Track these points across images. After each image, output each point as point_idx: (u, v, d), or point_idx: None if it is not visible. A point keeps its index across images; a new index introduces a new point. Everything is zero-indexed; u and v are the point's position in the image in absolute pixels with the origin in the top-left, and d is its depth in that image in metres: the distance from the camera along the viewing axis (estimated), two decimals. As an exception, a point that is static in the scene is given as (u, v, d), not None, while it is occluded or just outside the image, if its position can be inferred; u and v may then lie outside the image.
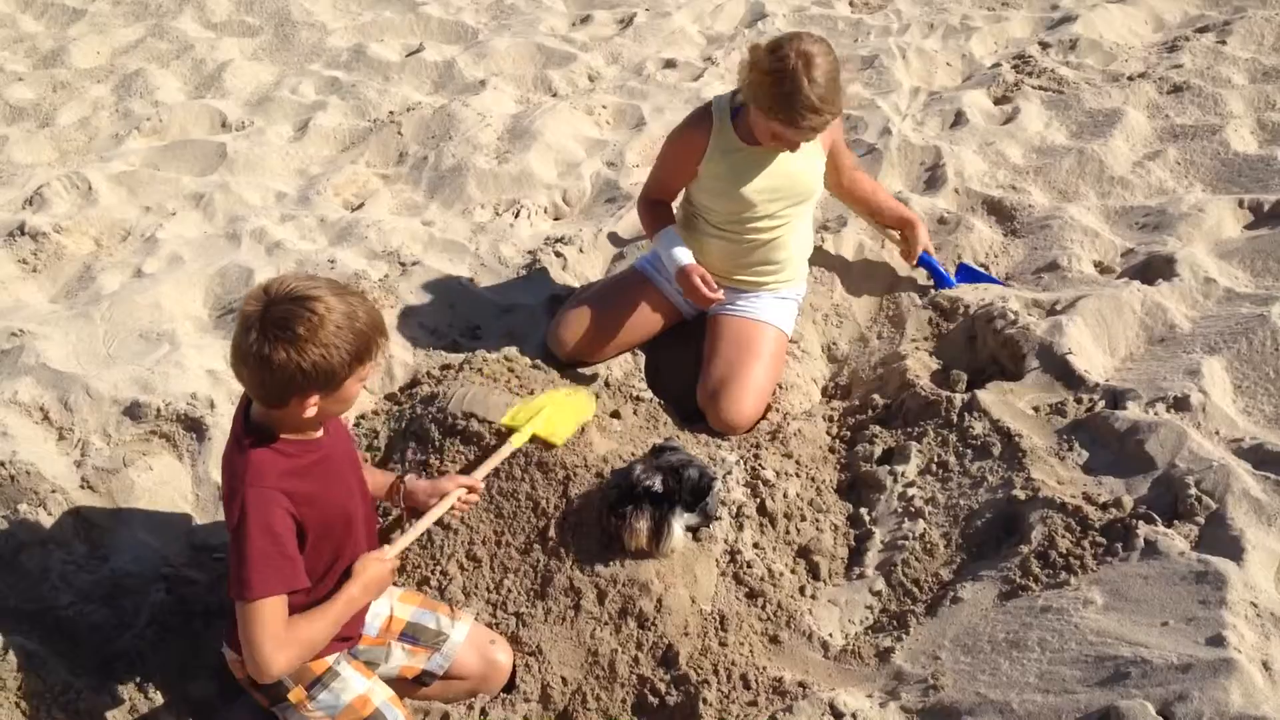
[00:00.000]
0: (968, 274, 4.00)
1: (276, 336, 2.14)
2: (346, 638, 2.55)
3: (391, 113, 5.52)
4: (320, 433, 2.41)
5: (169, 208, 4.71)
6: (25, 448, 3.24)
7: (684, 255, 3.51)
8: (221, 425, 3.38)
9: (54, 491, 3.12)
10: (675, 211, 3.73)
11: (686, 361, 3.66)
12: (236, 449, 2.32)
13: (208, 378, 3.56)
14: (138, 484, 3.23)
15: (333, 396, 2.28)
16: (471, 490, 2.80)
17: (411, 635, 2.70)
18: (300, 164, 5.17)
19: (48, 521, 3.05)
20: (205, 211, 4.70)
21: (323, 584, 2.41)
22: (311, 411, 2.27)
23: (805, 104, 3.08)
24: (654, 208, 3.70)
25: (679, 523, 2.85)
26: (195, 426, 3.38)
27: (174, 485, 3.28)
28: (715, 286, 3.48)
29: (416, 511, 2.77)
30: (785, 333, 3.66)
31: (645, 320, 3.72)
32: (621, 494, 2.82)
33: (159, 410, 3.40)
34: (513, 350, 3.66)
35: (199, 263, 4.24)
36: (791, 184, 3.48)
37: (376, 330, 2.29)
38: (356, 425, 3.48)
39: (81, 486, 3.20)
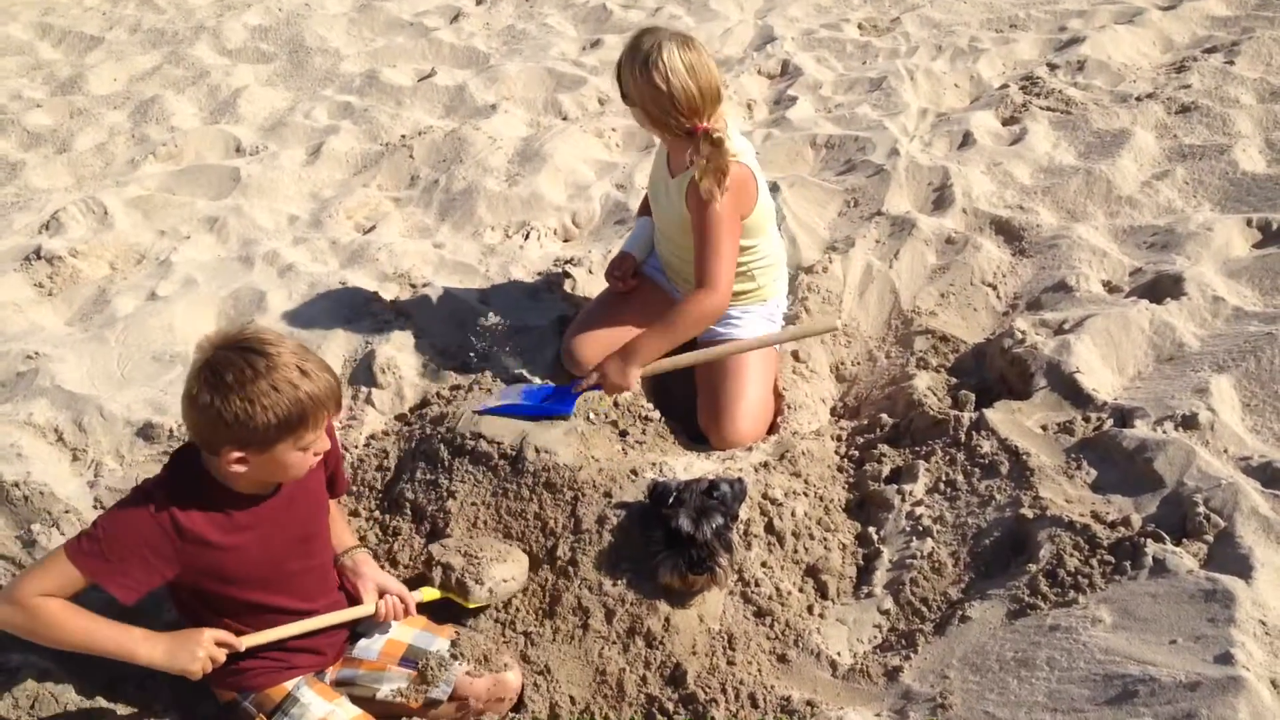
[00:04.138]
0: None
1: (208, 379, 2.13)
2: (318, 653, 2.56)
3: (403, 136, 5.57)
4: (269, 490, 2.37)
5: (183, 231, 4.77)
6: (39, 468, 3.28)
7: (628, 245, 3.86)
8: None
9: (67, 512, 3.15)
10: None
11: (693, 380, 3.66)
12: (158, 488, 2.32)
13: (220, 399, 3.58)
14: (150, 504, 3.25)
15: (262, 458, 2.22)
16: (403, 601, 2.67)
17: (412, 660, 2.63)
18: (313, 187, 5.22)
19: (61, 542, 3.07)
20: (219, 235, 4.75)
21: (243, 623, 2.42)
22: (237, 468, 2.22)
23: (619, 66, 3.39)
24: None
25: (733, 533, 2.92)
26: (207, 447, 3.41)
27: (186, 505, 3.30)
28: (626, 277, 3.76)
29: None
30: (772, 346, 3.62)
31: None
32: (700, 551, 2.78)
33: (171, 431, 3.43)
34: (522, 371, 3.68)
35: (212, 285, 4.28)
36: (675, 220, 3.52)
37: (319, 404, 2.21)
38: (367, 445, 3.50)
39: (95, 507, 3.22)
